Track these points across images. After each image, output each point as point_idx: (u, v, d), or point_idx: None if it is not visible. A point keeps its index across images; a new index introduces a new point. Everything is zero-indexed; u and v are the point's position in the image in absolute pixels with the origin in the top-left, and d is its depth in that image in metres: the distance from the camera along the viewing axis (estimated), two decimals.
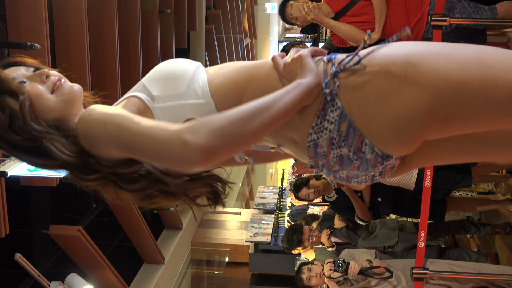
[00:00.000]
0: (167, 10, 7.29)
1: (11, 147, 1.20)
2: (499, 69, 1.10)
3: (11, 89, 1.18)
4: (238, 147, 1.07)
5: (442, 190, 3.99)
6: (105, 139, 1.14)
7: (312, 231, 4.44)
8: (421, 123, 1.13)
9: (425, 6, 3.46)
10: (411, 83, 1.11)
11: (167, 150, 1.06)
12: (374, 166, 1.22)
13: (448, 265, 3.84)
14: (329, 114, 1.18)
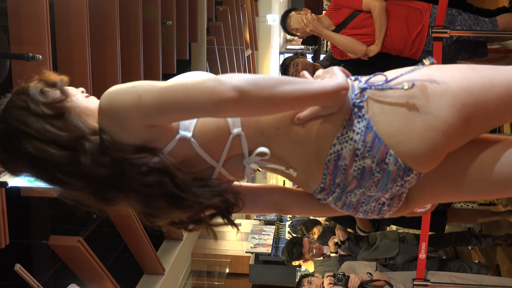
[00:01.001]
0: (169, 22, 7.32)
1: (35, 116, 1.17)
2: (492, 74, 1.24)
3: (51, 80, 1.25)
4: (264, 99, 1.09)
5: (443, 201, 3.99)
6: (134, 106, 1.13)
7: (312, 243, 4.44)
8: (447, 131, 1.18)
9: (426, 19, 3.48)
10: (434, 96, 1.19)
11: (205, 88, 1.07)
12: (395, 180, 1.22)
13: (449, 277, 3.83)
14: (356, 125, 1.20)
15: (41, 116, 1.17)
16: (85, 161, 1.16)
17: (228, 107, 1.07)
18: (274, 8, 18.28)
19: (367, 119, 1.20)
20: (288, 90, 1.10)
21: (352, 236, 4.45)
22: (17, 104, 1.18)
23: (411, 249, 4.20)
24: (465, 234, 4.56)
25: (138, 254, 7.16)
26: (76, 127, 1.17)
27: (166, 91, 1.11)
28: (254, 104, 1.09)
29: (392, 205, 1.33)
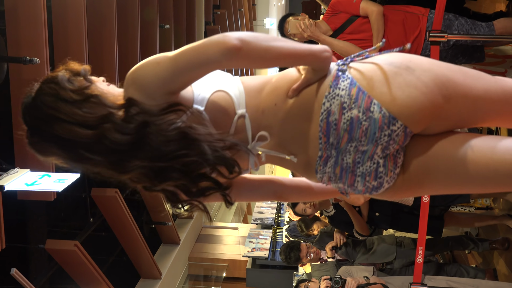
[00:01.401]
0: (167, 25, 7.33)
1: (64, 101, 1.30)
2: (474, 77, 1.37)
3: (76, 70, 1.40)
4: (263, 51, 1.27)
5: (440, 206, 4.00)
6: (154, 74, 1.30)
7: (310, 248, 4.44)
8: (428, 93, 1.30)
9: (423, 24, 3.49)
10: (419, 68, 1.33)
11: (211, 42, 1.25)
12: (381, 129, 1.31)
13: (446, 281, 3.83)
14: (340, 83, 1.34)
15: (69, 101, 1.30)
16: (110, 135, 1.27)
17: (233, 54, 1.23)
18: (271, 12, 18.32)
19: (350, 77, 1.34)
20: (282, 45, 1.30)
21: (350, 241, 4.45)
22: (46, 91, 1.32)
23: (408, 253, 4.21)
24: (462, 238, 4.57)
25: (135, 258, 7.15)
26: (103, 106, 1.30)
27: (180, 53, 1.28)
28: (254, 53, 1.26)
29: (388, 168, 1.38)
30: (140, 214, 7.95)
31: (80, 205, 6.42)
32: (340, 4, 3.64)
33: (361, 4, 3.53)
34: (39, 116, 1.31)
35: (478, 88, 1.35)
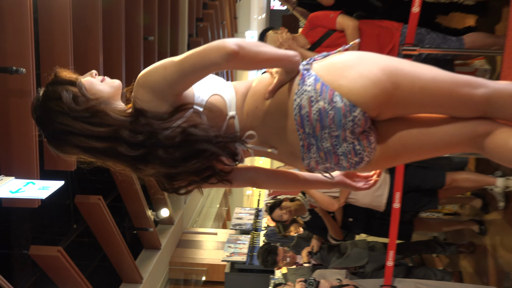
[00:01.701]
0: (151, 37, 7.33)
1: (73, 119, 1.46)
2: (423, 68, 1.52)
3: (71, 80, 1.50)
4: (254, 54, 1.43)
5: (410, 211, 4.05)
6: (163, 77, 1.43)
7: (286, 252, 4.46)
8: (378, 81, 1.46)
9: (396, 38, 3.54)
10: (370, 61, 1.49)
11: (213, 47, 1.38)
12: (345, 116, 1.47)
13: (415, 283, 3.87)
14: (306, 81, 1.50)
15: (80, 118, 1.46)
16: (122, 148, 1.46)
17: (231, 57, 1.37)
18: (252, 25, 18.40)
19: (314, 74, 1.50)
20: (267, 50, 1.46)
21: (325, 246, 4.49)
22: (55, 109, 1.47)
23: (379, 257, 4.25)
24: (430, 242, 4.63)
25: (117, 263, 7.10)
26: (112, 117, 1.46)
27: (185, 58, 1.41)
28: (248, 57, 1.41)
29: (364, 145, 1.54)
30: (122, 220, 7.89)
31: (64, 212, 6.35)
32: (318, 18, 3.68)
33: (337, 19, 3.58)
34: (55, 132, 1.50)
35: (426, 76, 1.50)
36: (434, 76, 1.51)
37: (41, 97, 1.51)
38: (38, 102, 1.51)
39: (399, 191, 3.61)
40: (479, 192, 4.16)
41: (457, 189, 3.90)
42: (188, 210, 10.88)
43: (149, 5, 7.35)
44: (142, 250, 8.51)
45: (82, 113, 1.46)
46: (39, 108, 1.51)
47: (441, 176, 3.77)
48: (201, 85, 1.55)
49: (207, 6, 12.51)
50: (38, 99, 1.51)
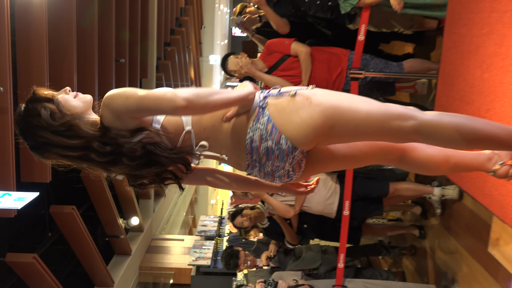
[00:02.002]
0: (122, 60, 7.25)
1: (52, 133, 1.54)
2: (360, 104, 1.62)
3: (47, 97, 1.58)
4: (204, 106, 1.51)
5: (358, 218, 4.08)
6: (122, 104, 1.50)
7: (247, 256, 4.43)
8: (317, 127, 1.59)
9: (344, 63, 3.58)
10: (313, 105, 1.60)
11: (164, 99, 1.48)
12: (287, 155, 1.64)
13: (363, 283, 3.89)
14: (260, 120, 1.62)
15: (57, 132, 1.55)
16: (93, 156, 1.56)
17: (180, 111, 1.49)
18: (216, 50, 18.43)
19: (267, 115, 1.62)
20: (217, 98, 1.53)
21: (282, 250, 4.47)
22: (35, 125, 1.55)
23: (331, 259, 4.26)
24: (376, 245, 4.67)
25: (90, 268, 6.95)
26: (84, 131, 1.55)
27: (144, 98, 1.49)
28: (196, 109, 1.51)
29: (296, 171, 1.73)
30: (95, 228, 7.75)
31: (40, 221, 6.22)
32: (274, 45, 3.71)
33: (292, 45, 3.61)
34: (36, 143, 1.58)
35: (361, 113, 1.60)
36: (369, 112, 1.61)
37: (22, 113, 1.58)
38: (19, 118, 1.58)
39: (348, 199, 3.64)
40: (419, 200, 4.23)
41: (400, 197, 3.96)
42: (156, 218, 10.74)
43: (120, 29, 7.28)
44: (114, 255, 8.35)
45: (58, 127, 1.54)
46: (21, 123, 1.58)
47: (385, 186, 3.82)
48: None
49: (174, 32, 12.48)
50: (20, 114, 1.58)
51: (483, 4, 2.37)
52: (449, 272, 3.51)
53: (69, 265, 7.10)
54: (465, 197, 3.41)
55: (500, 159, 1.88)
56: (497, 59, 2.20)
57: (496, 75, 2.20)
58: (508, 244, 2.57)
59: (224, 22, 21.99)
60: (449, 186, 3.62)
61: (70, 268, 7.12)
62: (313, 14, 3.50)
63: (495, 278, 2.78)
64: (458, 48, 2.65)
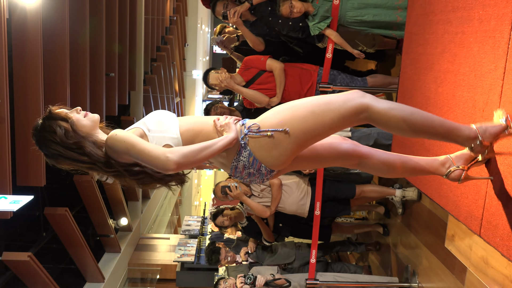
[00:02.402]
0: (112, 74, 7.17)
1: (65, 148, 1.67)
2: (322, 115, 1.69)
3: (63, 117, 1.70)
4: (193, 164, 1.64)
5: (328, 217, 4.09)
6: (124, 150, 1.64)
7: (227, 252, 4.39)
8: (291, 154, 1.76)
9: (314, 77, 3.60)
10: (284, 138, 1.72)
11: (158, 161, 1.61)
12: (266, 175, 1.82)
13: (333, 276, 3.90)
14: (243, 154, 1.76)
15: (69, 148, 1.67)
16: (99, 169, 1.70)
17: (170, 171, 1.63)
18: (198, 65, 18.37)
19: (249, 150, 1.76)
20: (205, 153, 1.65)
21: (260, 247, 4.45)
22: (51, 139, 1.67)
23: (304, 255, 4.25)
24: (345, 242, 4.68)
25: (82, 265, 6.82)
26: (91, 155, 1.68)
27: (142, 151, 1.61)
28: (187, 167, 1.65)
29: (269, 180, 1.88)
30: (87, 228, 7.62)
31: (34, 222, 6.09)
32: (251, 61, 3.70)
33: (267, 61, 3.61)
34: (52, 155, 1.70)
35: (326, 123, 1.69)
36: (332, 120, 1.69)
37: (39, 128, 1.69)
38: (36, 132, 1.70)
39: (319, 200, 3.65)
40: (382, 201, 4.26)
41: (365, 198, 3.98)
42: (144, 219, 10.60)
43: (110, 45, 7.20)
44: (104, 253, 8.21)
45: (71, 145, 1.66)
46: (37, 136, 1.70)
47: (352, 188, 3.84)
48: (155, 137, 1.72)
49: (160, 49, 12.42)
50: (36, 129, 1.69)
51: (437, 26, 2.40)
52: (410, 266, 3.54)
53: (62, 263, 6.96)
54: (423, 198, 3.45)
55: (453, 163, 1.90)
56: (450, 75, 2.23)
57: (449, 89, 2.23)
58: (463, 240, 2.60)
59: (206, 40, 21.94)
60: (409, 188, 3.65)
61: (63, 266, 6.99)
62: (286, 33, 3.51)
63: (451, 270, 2.80)
64: (415, 65, 2.68)
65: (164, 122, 1.75)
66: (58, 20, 4.99)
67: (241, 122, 1.80)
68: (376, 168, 1.92)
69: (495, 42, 1.89)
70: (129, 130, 1.74)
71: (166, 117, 1.78)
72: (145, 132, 1.72)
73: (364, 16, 3.28)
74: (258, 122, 1.77)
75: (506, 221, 1.77)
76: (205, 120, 1.83)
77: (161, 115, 1.78)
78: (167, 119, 1.77)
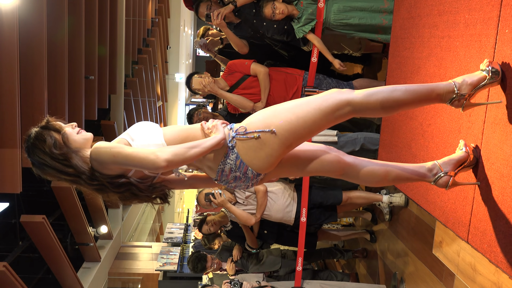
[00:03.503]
0: (91, 76, 7.10)
1: (51, 158, 1.71)
2: (307, 115, 1.75)
3: (56, 128, 1.75)
4: (183, 162, 1.68)
5: (314, 224, 4.09)
6: (110, 160, 1.67)
7: (213, 259, 4.37)
8: (279, 156, 1.80)
9: (299, 82, 3.61)
10: (271, 139, 1.76)
11: (147, 160, 1.64)
12: (252, 180, 1.85)
13: (320, 284, 3.90)
14: (230, 157, 1.80)
15: (55, 159, 1.71)
16: (83, 182, 1.74)
17: (161, 170, 1.66)
18: (181, 68, 18.32)
19: (236, 153, 1.79)
20: (194, 152, 1.70)
21: (245, 255, 4.43)
22: (39, 148, 1.71)
23: (290, 262, 4.25)
24: (331, 249, 4.69)
25: (60, 275, 6.71)
26: (77, 167, 1.72)
27: (130, 157, 1.66)
28: (177, 165, 1.68)
29: (254, 184, 1.89)
30: (65, 236, 7.52)
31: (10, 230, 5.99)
32: (235, 65, 3.70)
33: (251, 66, 3.61)
34: (38, 164, 1.74)
35: (309, 122, 1.75)
36: (315, 119, 1.75)
37: (32, 135, 1.74)
38: (28, 138, 1.74)
39: (305, 207, 3.65)
40: (369, 207, 4.28)
41: (352, 205, 3.99)
42: (125, 226, 10.50)
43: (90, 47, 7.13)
44: (84, 262, 8.10)
45: (58, 156, 1.70)
46: (28, 143, 1.74)
47: (338, 194, 3.85)
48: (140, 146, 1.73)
49: (141, 51, 12.35)
50: (29, 136, 1.74)
51: (423, 30, 2.43)
52: (398, 273, 3.56)
53: (39, 273, 6.85)
54: (411, 204, 3.47)
55: (440, 169, 1.91)
56: (436, 79, 2.26)
57: None
58: (450, 246, 2.62)
59: (189, 43, 21.89)
60: (396, 194, 3.68)
61: (40, 276, 6.87)
62: (270, 36, 3.52)
63: (439, 277, 2.83)
64: (401, 69, 2.71)
65: (147, 132, 1.78)
66: (35, 21, 4.93)
67: (229, 127, 1.84)
68: (360, 178, 1.95)
69: (481, 46, 1.92)
70: (112, 142, 1.77)
71: (149, 128, 1.80)
72: (128, 142, 1.75)
73: (349, 19, 3.31)
74: (245, 125, 1.81)
75: (493, 227, 1.79)
76: (190, 127, 1.86)
77: (145, 126, 1.82)
78: (151, 129, 1.80)
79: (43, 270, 6.81)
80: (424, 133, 2.46)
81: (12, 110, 4.39)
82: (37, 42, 4.97)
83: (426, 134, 2.43)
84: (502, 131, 1.81)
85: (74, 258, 7.37)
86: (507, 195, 1.74)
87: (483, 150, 1.90)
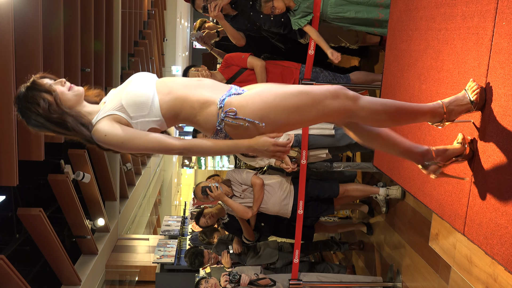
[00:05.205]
0: (87, 69, 7.07)
1: (47, 121, 1.70)
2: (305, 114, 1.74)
3: (47, 89, 1.71)
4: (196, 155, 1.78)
5: (311, 217, 4.11)
6: (117, 146, 1.71)
7: (210, 254, 4.38)
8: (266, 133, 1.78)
9: (296, 75, 3.61)
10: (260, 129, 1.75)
11: (163, 147, 1.74)
12: None
13: (316, 276, 3.92)
14: (219, 135, 1.80)
15: (51, 121, 1.71)
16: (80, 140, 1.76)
17: (175, 152, 1.75)
18: (178, 61, 18.25)
19: (224, 132, 1.79)
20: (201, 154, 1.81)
21: (243, 247, 4.45)
22: (33, 111, 1.69)
23: (287, 255, 4.27)
24: (328, 241, 4.71)
25: (57, 268, 6.72)
26: (73, 129, 1.71)
27: (148, 143, 1.72)
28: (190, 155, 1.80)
29: None
30: (62, 229, 7.52)
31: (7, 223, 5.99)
32: (232, 59, 3.70)
33: (248, 59, 3.61)
34: (31, 123, 1.73)
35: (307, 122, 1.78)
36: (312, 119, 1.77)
37: (21, 97, 1.70)
38: (19, 100, 1.71)
39: (302, 199, 3.66)
40: (366, 200, 4.30)
41: (349, 197, 4.01)
42: (122, 219, 10.51)
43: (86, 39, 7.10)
44: (81, 255, 8.11)
45: (53, 119, 1.69)
46: (20, 105, 1.71)
47: (335, 187, 3.86)
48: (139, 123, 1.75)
49: (138, 44, 12.29)
50: (19, 98, 1.71)
51: (420, 22, 2.43)
52: (394, 265, 3.58)
53: (36, 266, 6.86)
54: (407, 196, 3.49)
55: (433, 156, 1.94)
56: (433, 72, 2.26)
57: (433, 86, 2.25)
58: (446, 238, 2.63)
59: (185, 35, 21.80)
60: (393, 186, 3.69)
61: (37, 268, 6.88)
62: (267, 28, 3.51)
63: (435, 269, 2.85)
64: (399, 62, 2.71)
65: (145, 104, 1.73)
66: (31, 13, 4.90)
67: (220, 104, 1.77)
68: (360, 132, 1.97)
69: (478, 39, 1.92)
70: (109, 114, 1.72)
71: (146, 98, 1.74)
72: (127, 121, 1.72)
73: (346, 12, 3.30)
74: (237, 105, 1.75)
75: (489, 219, 1.80)
76: (185, 92, 1.79)
77: (141, 96, 1.74)
78: (147, 100, 1.74)
79: (40, 263, 6.82)
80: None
81: (7, 102, 4.37)
82: (32, 34, 4.94)
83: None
84: (498, 124, 1.81)
85: (71, 251, 7.37)
86: (503, 188, 1.75)
87: (479, 143, 1.91)
